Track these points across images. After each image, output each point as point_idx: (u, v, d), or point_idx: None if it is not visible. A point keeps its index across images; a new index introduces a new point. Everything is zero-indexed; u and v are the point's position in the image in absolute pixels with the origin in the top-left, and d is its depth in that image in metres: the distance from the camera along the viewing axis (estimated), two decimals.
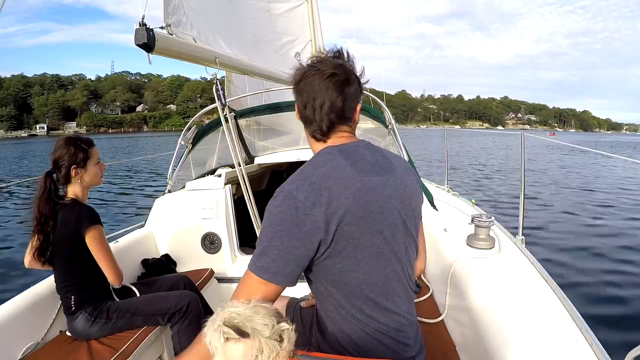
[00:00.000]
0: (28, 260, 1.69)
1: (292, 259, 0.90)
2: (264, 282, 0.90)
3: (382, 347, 0.99)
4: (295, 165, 3.76)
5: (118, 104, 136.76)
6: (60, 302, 1.76)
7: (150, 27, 1.60)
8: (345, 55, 1.01)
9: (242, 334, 0.76)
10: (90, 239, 1.64)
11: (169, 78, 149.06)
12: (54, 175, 1.68)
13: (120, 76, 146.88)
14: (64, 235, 1.63)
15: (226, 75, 4.28)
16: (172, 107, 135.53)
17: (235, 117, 3.13)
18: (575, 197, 10.79)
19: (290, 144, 3.46)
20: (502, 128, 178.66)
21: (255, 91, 3.95)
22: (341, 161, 0.96)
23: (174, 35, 1.82)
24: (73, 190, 1.72)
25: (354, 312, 0.97)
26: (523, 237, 2.15)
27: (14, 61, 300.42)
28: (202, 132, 3.25)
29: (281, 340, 0.78)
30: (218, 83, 2.12)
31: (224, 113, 2.24)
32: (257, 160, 3.42)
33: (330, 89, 0.97)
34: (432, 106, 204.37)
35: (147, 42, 1.57)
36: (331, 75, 0.96)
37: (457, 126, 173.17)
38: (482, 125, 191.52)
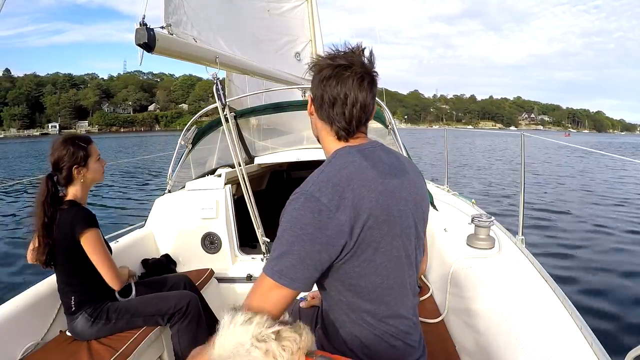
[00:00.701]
0: (30, 257, 1.68)
1: (313, 265, 0.87)
2: (280, 286, 0.86)
3: (391, 349, 0.98)
4: (295, 165, 3.78)
5: (130, 103, 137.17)
6: (61, 301, 1.76)
7: (151, 27, 1.60)
8: (368, 54, 0.97)
9: (296, 327, 0.76)
10: (85, 242, 1.62)
11: (181, 77, 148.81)
12: (55, 178, 1.66)
13: (132, 75, 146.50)
14: (61, 238, 1.62)
15: (227, 75, 4.28)
16: (184, 106, 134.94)
17: (235, 117, 3.13)
18: (575, 198, 10.79)
19: (290, 144, 3.46)
20: (515, 128, 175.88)
21: (256, 91, 3.95)
22: (362, 162, 0.93)
23: (174, 35, 1.82)
24: (73, 191, 1.70)
25: (364, 316, 0.96)
26: (523, 237, 2.15)
27: (27, 61, 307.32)
28: (202, 132, 3.25)
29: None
30: (218, 83, 2.12)
31: (224, 113, 2.24)
32: (257, 160, 3.42)
33: (365, 89, 0.94)
34: (444, 106, 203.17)
35: (148, 41, 1.57)
36: (364, 74, 0.94)
37: (470, 126, 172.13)
38: (495, 126, 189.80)
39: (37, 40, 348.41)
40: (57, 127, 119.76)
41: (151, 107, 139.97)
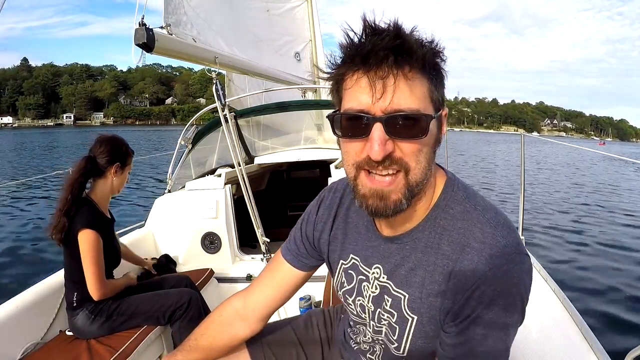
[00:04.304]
0: (49, 232, 1.66)
1: None
2: None
3: None
4: (295, 166, 3.78)
5: (147, 96, 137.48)
6: (61, 300, 1.77)
7: (150, 27, 1.60)
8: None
9: None
10: (81, 241, 1.61)
11: (200, 71, 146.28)
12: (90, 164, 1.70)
13: (150, 68, 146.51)
14: (70, 232, 1.62)
15: (227, 75, 4.28)
16: (202, 100, 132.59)
17: (235, 117, 3.13)
18: (575, 198, 10.78)
19: (290, 143, 3.46)
20: (538, 134, 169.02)
21: (256, 91, 3.95)
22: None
23: (173, 35, 1.82)
24: (103, 189, 1.74)
25: None
26: (523, 237, 2.15)
27: (49, 52, 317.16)
28: (202, 132, 3.25)
29: None
30: (218, 83, 2.12)
31: (224, 113, 2.24)
32: (257, 160, 3.41)
33: None
34: (466, 109, 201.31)
35: (147, 42, 1.57)
36: None
37: (492, 130, 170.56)
38: (517, 131, 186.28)
39: (61, 32, 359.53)
40: (72, 117, 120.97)
41: (168, 101, 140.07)
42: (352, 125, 0.62)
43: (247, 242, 2.87)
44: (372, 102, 0.59)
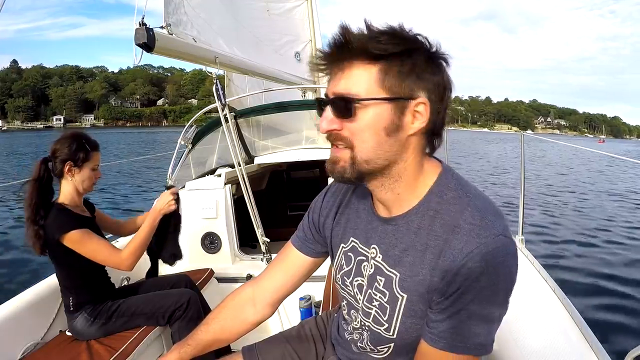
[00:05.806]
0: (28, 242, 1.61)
1: None
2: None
3: None
4: (295, 166, 3.78)
5: (138, 97, 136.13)
6: (61, 301, 1.76)
7: (150, 27, 1.60)
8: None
9: None
10: (71, 245, 1.56)
11: (191, 72, 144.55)
12: (49, 164, 1.64)
13: (141, 69, 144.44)
14: (48, 240, 1.57)
15: (227, 75, 4.28)
16: (194, 101, 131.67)
17: (235, 117, 3.13)
18: (575, 198, 10.78)
19: (290, 143, 3.46)
20: (532, 132, 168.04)
21: (256, 91, 3.95)
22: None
23: (174, 35, 1.83)
24: (65, 189, 1.67)
25: None
26: (523, 237, 2.15)
27: (43, 54, 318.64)
28: (202, 132, 3.25)
29: None
30: (218, 82, 2.13)
31: (224, 113, 2.24)
32: (257, 160, 3.41)
33: None
34: (459, 107, 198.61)
35: (147, 42, 1.58)
36: None
37: (486, 129, 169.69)
38: (512, 129, 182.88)
39: (53, 34, 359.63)
40: (62, 120, 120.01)
41: (160, 102, 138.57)
42: (319, 107, 0.73)
43: (247, 242, 2.87)
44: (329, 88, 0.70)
